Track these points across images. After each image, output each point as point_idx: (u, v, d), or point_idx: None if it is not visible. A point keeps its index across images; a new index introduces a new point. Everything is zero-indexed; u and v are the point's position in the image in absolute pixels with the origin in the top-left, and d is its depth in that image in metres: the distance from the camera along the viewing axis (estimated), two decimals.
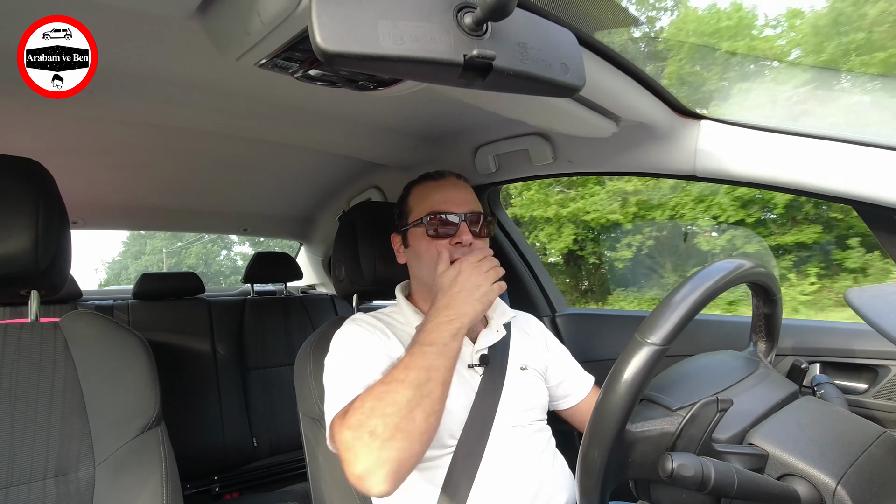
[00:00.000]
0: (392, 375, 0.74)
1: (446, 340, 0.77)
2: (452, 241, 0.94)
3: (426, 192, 1.00)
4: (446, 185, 1.00)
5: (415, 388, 0.72)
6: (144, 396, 0.89)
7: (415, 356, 0.75)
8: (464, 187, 1.01)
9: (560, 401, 1.09)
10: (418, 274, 1.01)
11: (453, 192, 0.99)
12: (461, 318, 0.79)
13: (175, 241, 26.79)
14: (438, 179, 1.01)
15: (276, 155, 1.57)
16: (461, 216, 0.95)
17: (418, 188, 1.02)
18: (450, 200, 0.97)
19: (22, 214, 0.80)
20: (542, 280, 1.62)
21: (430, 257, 0.94)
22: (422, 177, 1.04)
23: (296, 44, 0.58)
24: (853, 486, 0.52)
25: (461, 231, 0.94)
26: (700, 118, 0.98)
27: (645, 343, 0.56)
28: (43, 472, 0.79)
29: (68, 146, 1.32)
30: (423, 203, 0.98)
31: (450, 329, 0.78)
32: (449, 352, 0.77)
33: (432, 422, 0.73)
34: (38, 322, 0.89)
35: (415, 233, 0.98)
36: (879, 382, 0.94)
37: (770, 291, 0.76)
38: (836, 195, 0.84)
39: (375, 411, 0.71)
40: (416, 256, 0.99)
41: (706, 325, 1.20)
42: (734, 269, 0.65)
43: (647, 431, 0.60)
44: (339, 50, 0.41)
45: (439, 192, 0.98)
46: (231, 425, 2.06)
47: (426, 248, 0.96)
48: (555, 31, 0.54)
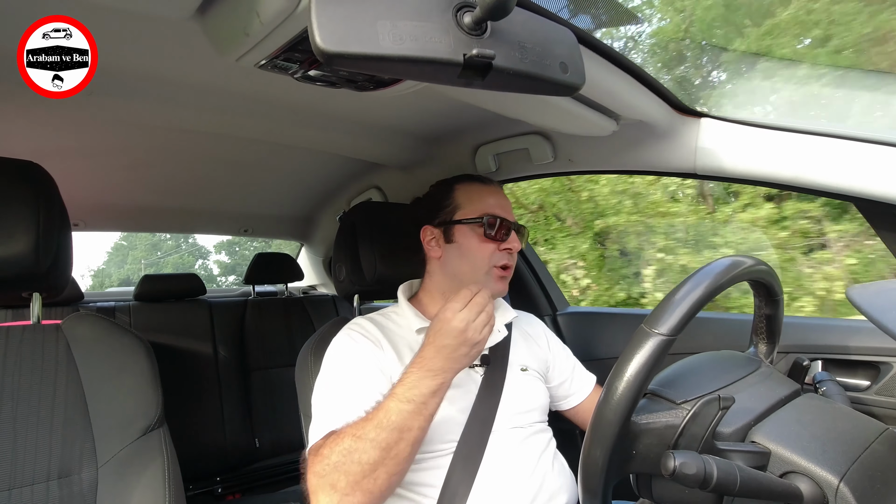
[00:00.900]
0: (364, 431, 0.73)
1: (426, 398, 0.74)
2: (502, 246, 0.97)
3: (479, 193, 1.01)
4: (498, 191, 1.04)
5: (382, 450, 0.71)
6: (146, 398, 0.89)
7: (390, 413, 0.73)
8: (507, 196, 1.06)
9: (562, 401, 1.09)
10: (454, 270, 1.00)
11: (504, 200, 1.03)
12: (447, 373, 0.76)
13: (154, 252, 28.65)
14: (489, 184, 1.05)
15: (276, 155, 1.57)
16: (514, 224, 1.00)
17: (467, 186, 1.03)
18: (503, 207, 1.01)
19: (23, 217, 0.80)
20: (543, 279, 1.62)
21: (480, 257, 0.97)
22: (466, 176, 1.06)
23: (295, 44, 0.58)
24: (856, 483, 0.52)
25: (512, 238, 0.98)
26: (700, 116, 0.97)
27: (652, 333, 0.56)
28: (46, 474, 0.79)
29: (69, 148, 1.33)
30: (477, 203, 1.00)
31: (432, 385, 0.75)
32: (426, 410, 0.74)
33: (395, 480, 0.74)
34: (40, 324, 0.89)
35: (465, 230, 0.99)
36: (881, 379, 0.94)
37: (772, 290, 0.76)
38: (837, 191, 0.84)
39: (340, 467, 0.71)
40: (460, 253, 0.99)
41: (708, 323, 1.20)
42: (737, 266, 0.65)
43: (651, 424, 0.60)
44: (339, 50, 0.41)
45: (493, 197, 1.01)
46: (233, 426, 2.06)
47: (477, 247, 0.97)
48: (554, 30, 0.54)
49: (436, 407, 0.76)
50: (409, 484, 0.87)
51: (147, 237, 27.85)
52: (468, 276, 0.98)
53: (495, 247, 0.97)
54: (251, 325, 2.25)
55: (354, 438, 0.73)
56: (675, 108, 0.97)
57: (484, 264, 0.97)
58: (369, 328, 0.96)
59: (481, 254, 0.97)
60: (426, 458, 0.87)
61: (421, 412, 0.74)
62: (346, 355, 0.91)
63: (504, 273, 0.99)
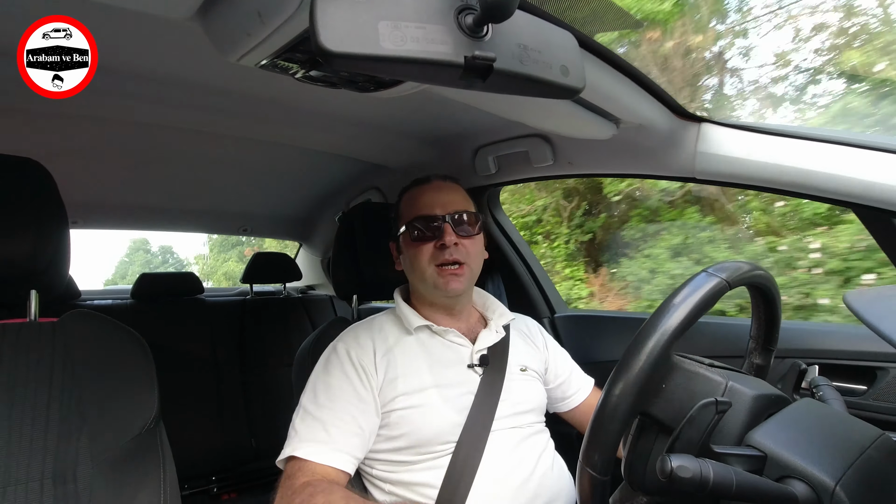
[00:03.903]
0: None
1: None
2: (437, 243, 0.94)
3: (412, 198, 1.00)
4: (431, 188, 1.00)
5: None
6: (143, 397, 0.88)
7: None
8: (449, 188, 1.01)
9: (560, 403, 1.09)
10: (412, 280, 1.02)
11: (436, 195, 0.98)
12: None
13: (127, 268, 28.86)
14: (424, 184, 1.02)
15: (275, 156, 1.57)
16: (443, 217, 0.94)
17: (408, 194, 1.03)
18: (432, 203, 0.97)
19: (21, 214, 0.80)
20: (542, 281, 1.62)
21: (419, 263, 0.95)
22: (412, 182, 1.04)
23: (296, 45, 0.58)
24: (851, 487, 0.52)
25: (445, 232, 0.93)
26: (700, 120, 0.98)
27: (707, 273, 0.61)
28: (41, 473, 0.79)
29: (68, 146, 1.32)
30: (409, 208, 0.99)
31: None
32: None
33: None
34: (36, 322, 0.88)
35: (404, 239, 0.99)
36: (878, 384, 0.94)
37: (770, 295, 0.76)
38: (836, 197, 0.84)
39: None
40: (409, 263, 0.99)
41: (705, 327, 1.20)
42: (736, 271, 0.65)
43: (695, 370, 0.63)
44: (340, 51, 0.41)
45: (424, 196, 0.99)
46: (230, 426, 2.06)
47: (414, 254, 0.96)
48: (555, 33, 0.54)
49: None
50: (408, 484, 0.87)
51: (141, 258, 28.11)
52: (418, 284, 0.98)
53: (431, 247, 0.94)
54: (249, 324, 2.25)
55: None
56: (675, 113, 0.97)
57: (425, 268, 0.94)
58: (362, 340, 0.95)
59: (419, 259, 0.95)
60: (425, 459, 0.87)
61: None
62: (330, 379, 0.90)
63: (455, 270, 0.94)
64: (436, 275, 0.94)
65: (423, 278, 0.96)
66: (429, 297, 0.99)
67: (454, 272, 0.94)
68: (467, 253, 0.95)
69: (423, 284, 0.97)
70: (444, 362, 0.94)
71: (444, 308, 1.00)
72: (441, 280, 0.93)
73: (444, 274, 0.94)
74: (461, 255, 0.94)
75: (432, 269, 0.94)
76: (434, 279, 0.94)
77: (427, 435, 0.87)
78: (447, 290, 0.94)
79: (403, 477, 0.88)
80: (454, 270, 0.94)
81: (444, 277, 0.93)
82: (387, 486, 0.89)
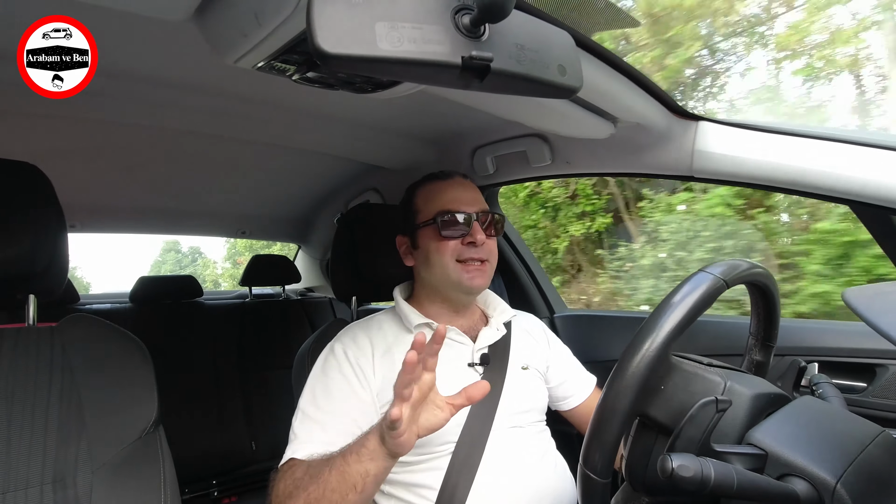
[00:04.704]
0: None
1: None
2: (465, 240, 0.94)
3: (434, 192, 1.00)
4: (454, 184, 1.00)
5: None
6: (142, 400, 0.88)
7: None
8: (472, 187, 1.02)
9: (562, 402, 1.09)
10: (427, 276, 1.00)
11: (462, 192, 0.99)
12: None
13: (160, 267, 28.83)
14: (446, 179, 1.01)
15: (273, 157, 1.57)
16: (472, 215, 0.95)
17: (425, 188, 1.02)
18: (459, 200, 0.97)
19: (19, 218, 0.80)
20: (541, 281, 1.62)
21: (442, 258, 0.95)
22: (427, 177, 1.04)
23: (293, 46, 0.58)
24: (852, 485, 0.52)
25: (474, 230, 0.94)
26: (697, 119, 0.98)
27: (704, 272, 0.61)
28: (40, 478, 0.78)
29: (65, 149, 1.32)
30: (431, 203, 0.98)
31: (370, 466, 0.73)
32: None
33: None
34: (35, 326, 0.88)
35: (425, 233, 0.98)
36: (878, 382, 0.95)
37: (768, 292, 0.76)
38: (834, 195, 0.84)
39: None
40: (425, 258, 0.98)
41: (705, 325, 1.20)
42: (735, 269, 0.65)
43: (693, 371, 0.64)
44: (337, 52, 0.41)
45: (448, 192, 0.99)
46: (230, 429, 2.05)
47: (437, 249, 0.95)
48: (552, 33, 0.54)
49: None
50: (408, 485, 0.87)
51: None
52: (439, 279, 0.97)
53: (457, 243, 0.95)
54: (248, 327, 2.25)
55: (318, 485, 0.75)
56: (672, 111, 0.97)
57: (449, 263, 0.95)
58: (360, 340, 0.95)
59: (444, 254, 0.95)
60: (425, 459, 0.87)
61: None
62: (328, 381, 0.91)
63: (480, 266, 0.95)
64: (460, 270, 0.94)
65: (444, 273, 0.95)
66: (444, 292, 0.99)
67: (479, 268, 0.95)
68: (490, 251, 0.97)
69: (444, 279, 0.96)
70: (444, 361, 0.94)
71: (452, 305, 1.00)
72: (466, 276, 0.94)
73: (470, 269, 0.95)
74: (485, 254, 0.96)
75: (455, 264, 0.95)
76: (458, 274, 0.94)
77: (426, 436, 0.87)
78: (472, 285, 0.95)
79: (402, 478, 0.88)
80: (479, 267, 0.95)
81: (469, 273, 0.94)
82: (386, 486, 0.89)
